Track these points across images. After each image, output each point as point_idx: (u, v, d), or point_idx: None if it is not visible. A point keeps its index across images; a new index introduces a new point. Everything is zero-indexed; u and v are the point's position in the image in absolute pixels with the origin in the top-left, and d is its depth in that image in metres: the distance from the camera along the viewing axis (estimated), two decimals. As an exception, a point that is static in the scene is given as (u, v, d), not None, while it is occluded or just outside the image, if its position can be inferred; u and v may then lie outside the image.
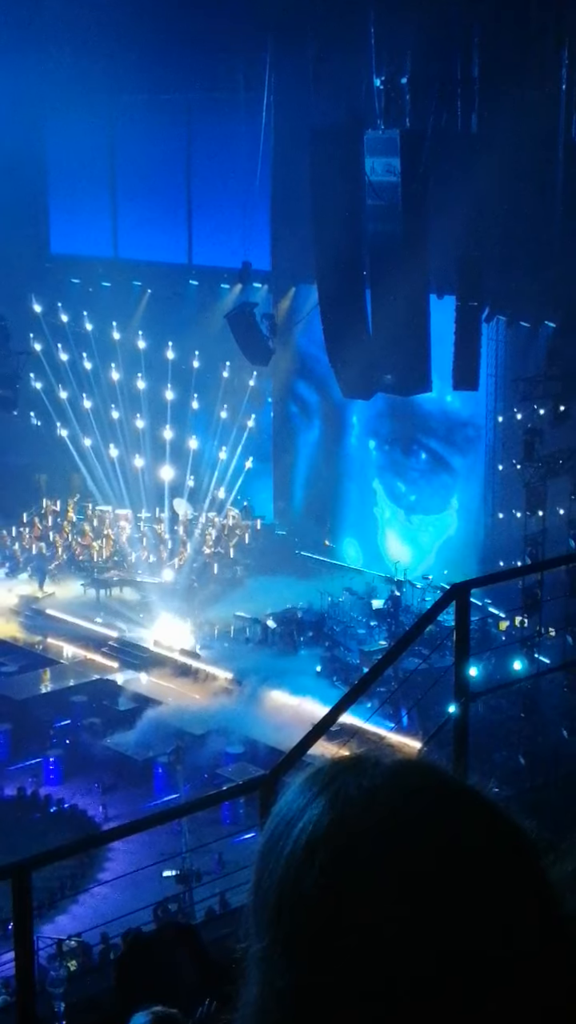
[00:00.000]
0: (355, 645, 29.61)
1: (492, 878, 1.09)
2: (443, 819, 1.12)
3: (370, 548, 34.88)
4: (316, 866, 1.10)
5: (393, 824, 1.10)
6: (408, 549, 34.02)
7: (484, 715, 22.00)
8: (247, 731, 25.84)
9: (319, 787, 1.17)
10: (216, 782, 23.30)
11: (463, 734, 6.14)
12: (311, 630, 30.77)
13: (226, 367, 35.74)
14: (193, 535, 35.52)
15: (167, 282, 36.55)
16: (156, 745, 25.97)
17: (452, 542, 32.69)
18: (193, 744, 25.61)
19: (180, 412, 36.26)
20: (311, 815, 1.14)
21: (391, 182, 26.19)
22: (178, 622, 31.58)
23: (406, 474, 33.78)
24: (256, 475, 36.95)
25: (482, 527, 31.35)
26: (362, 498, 35.02)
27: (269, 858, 1.16)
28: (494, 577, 21.26)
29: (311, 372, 32.92)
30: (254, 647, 30.59)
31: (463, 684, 6.23)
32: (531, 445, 26.20)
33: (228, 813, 22.30)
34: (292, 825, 1.15)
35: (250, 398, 36.12)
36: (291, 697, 26.84)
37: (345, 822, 1.12)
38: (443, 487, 32.96)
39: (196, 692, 28.31)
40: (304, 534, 36.37)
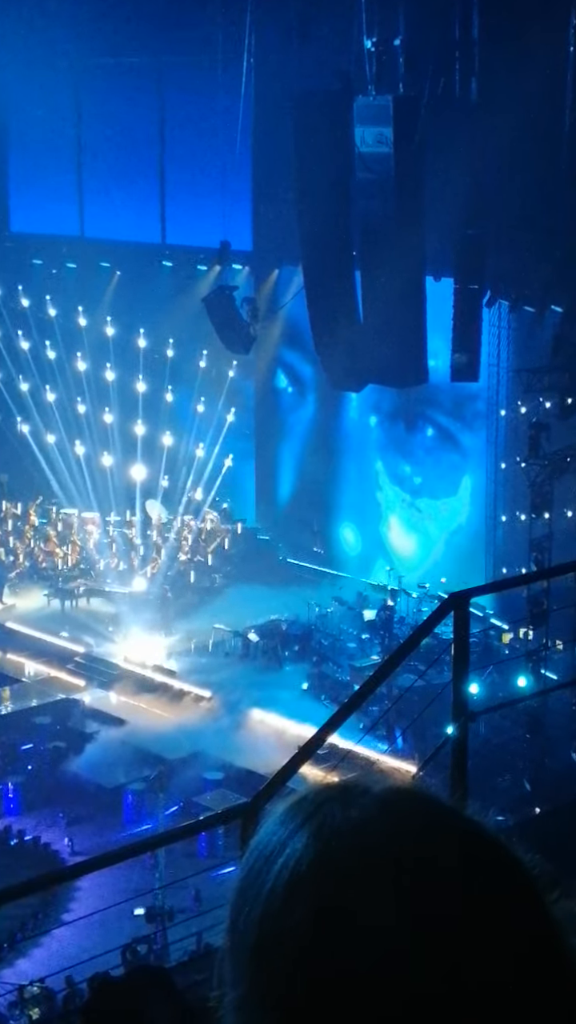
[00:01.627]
0: (345, 660, 29.62)
1: (494, 918, 1.08)
2: (439, 853, 1.11)
3: (370, 537, 34.87)
4: (298, 905, 1.09)
5: (384, 859, 1.09)
6: (413, 539, 33.99)
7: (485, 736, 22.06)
8: (226, 755, 25.81)
9: (302, 817, 1.16)
10: (192, 811, 23.26)
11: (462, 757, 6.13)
12: (297, 644, 30.77)
13: (203, 356, 35.71)
14: (167, 540, 35.48)
15: (138, 263, 36.52)
16: (127, 771, 25.91)
17: (463, 531, 32.59)
18: (168, 769, 25.56)
19: (153, 405, 36.23)
20: (293, 848, 1.13)
21: (383, 153, 26.22)
22: (151, 636, 31.54)
23: (411, 453, 33.71)
24: (237, 474, 36.94)
25: (484, 530, 31.40)
26: (362, 481, 34.99)
27: (247, 896, 1.14)
28: (496, 585, 21.31)
29: (304, 341, 32.65)
30: (234, 662, 30.56)
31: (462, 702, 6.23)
32: (536, 441, 26.26)
33: (205, 845, 22.27)
34: (272, 860, 1.14)
35: (230, 390, 36.11)
36: (275, 717, 26.83)
37: (331, 856, 1.10)
38: (452, 468, 32.87)
39: (171, 712, 28.27)
40: (289, 539, 36.38)
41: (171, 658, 30.76)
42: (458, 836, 1.13)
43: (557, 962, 1.09)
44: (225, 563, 35.73)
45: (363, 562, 34.97)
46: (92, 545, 35.68)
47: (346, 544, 35.61)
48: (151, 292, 36.20)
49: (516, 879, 1.12)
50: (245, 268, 35.18)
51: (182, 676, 29.76)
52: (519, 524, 28.67)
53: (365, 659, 29.01)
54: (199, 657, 30.93)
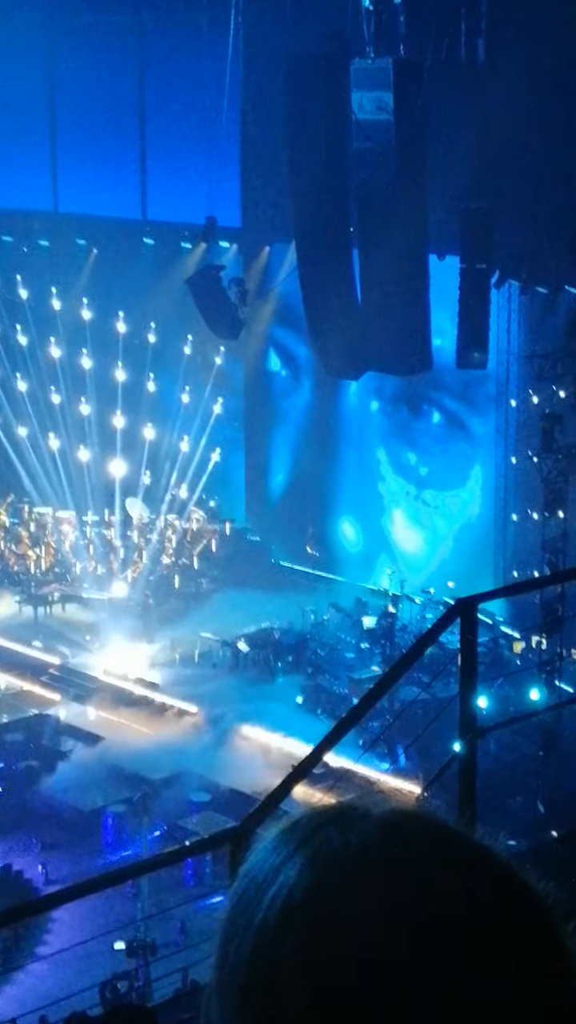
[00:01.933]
0: (343, 672, 29.63)
1: (505, 955, 1.08)
2: (445, 882, 1.11)
3: (372, 532, 34.90)
4: (292, 938, 1.09)
5: (385, 887, 1.09)
6: (419, 535, 34.01)
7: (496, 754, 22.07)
8: (214, 775, 25.81)
9: (297, 842, 1.15)
10: (177, 836, 23.25)
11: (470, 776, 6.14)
12: (291, 654, 30.78)
13: (188, 342, 35.69)
14: (150, 542, 35.47)
15: (117, 241, 36.50)
16: (106, 792, 25.90)
17: (473, 527, 32.62)
18: (151, 790, 25.56)
19: (133, 395, 36.22)
20: (287, 876, 1.12)
21: (382, 121, 26.22)
22: (132, 646, 31.53)
23: (416, 441, 33.71)
24: (225, 470, 36.94)
25: (493, 530, 31.43)
26: (362, 472, 35.02)
27: (236, 928, 1.14)
28: (507, 590, 21.34)
29: (298, 319, 32.57)
30: (223, 674, 30.57)
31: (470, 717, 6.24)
32: (550, 433, 26.29)
33: (192, 873, 22.28)
34: (264, 888, 1.13)
35: (217, 378, 36.10)
36: (266, 733, 26.85)
37: (328, 884, 1.10)
38: (461, 456, 32.88)
39: (153, 729, 28.27)
40: (282, 539, 36.39)
41: (154, 670, 30.76)
42: (466, 863, 1.13)
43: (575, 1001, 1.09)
44: (212, 566, 35.72)
45: (364, 560, 34.98)
46: (68, 547, 35.66)
47: (345, 540, 35.65)
48: (131, 272, 36.17)
49: (529, 910, 1.12)
50: (233, 246, 35.14)
51: (165, 689, 29.76)
52: (531, 523, 28.68)
53: (364, 670, 29.02)
54: (184, 668, 30.93)
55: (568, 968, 1.10)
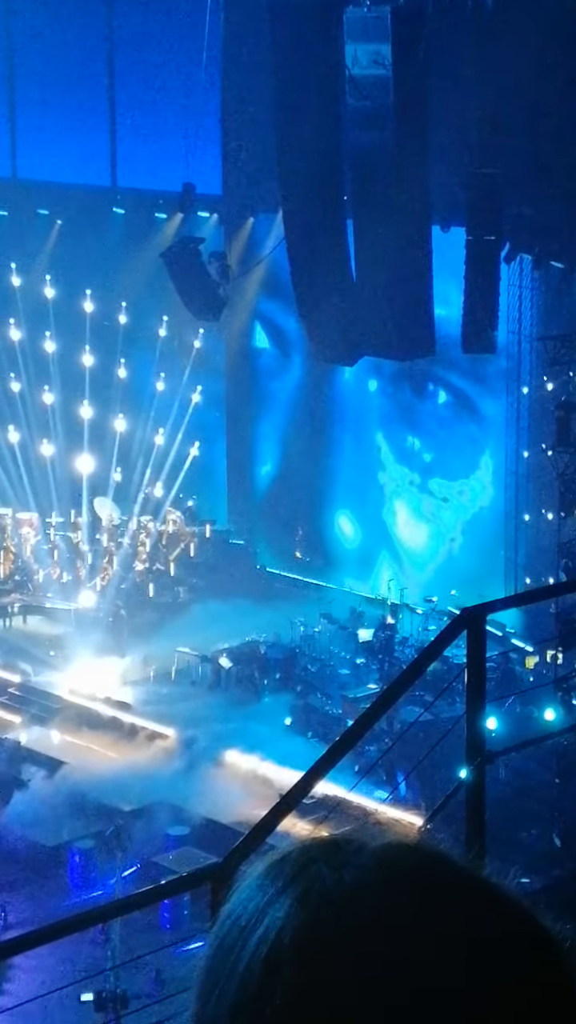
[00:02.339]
0: (336, 690, 29.65)
1: (517, 1005, 1.08)
2: (450, 925, 1.10)
3: (371, 525, 34.98)
4: (280, 986, 1.08)
5: (383, 930, 1.09)
6: (424, 529, 34.07)
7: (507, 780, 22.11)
8: (193, 805, 25.81)
9: (285, 880, 1.15)
10: (152, 873, 23.25)
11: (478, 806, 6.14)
12: (278, 670, 30.79)
13: (163, 323, 35.67)
14: (121, 546, 35.44)
15: (83, 211, 36.46)
16: (72, 825, 25.88)
17: (484, 520, 32.67)
18: (123, 823, 25.53)
19: (102, 382, 36.19)
20: (273, 918, 1.12)
21: (380, 77, 26.25)
22: (101, 662, 31.50)
23: (420, 424, 33.75)
24: (205, 466, 36.95)
25: (503, 532, 31.48)
26: (360, 459, 35.08)
27: (217, 976, 1.14)
28: (519, 599, 21.35)
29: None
30: (202, 693, 30.58)
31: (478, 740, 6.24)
32: (565, 423, 26.33)
33: (169, 915, 22.26)
34: (248, 931, 1.13)
35: (196, 363, 36.08)
36: (252, 759, 26.85)
37: (319, 927, 1.10)
38: (470, 441, 32.91)
39: (125, 754, 28.25)
40: (269, 542, 36.42)
41: (125, 688, 30.74)
42: (473, 904, 1.13)
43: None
44: (190, 573, 35.70)
45: (363, 559, 35.07)
46: (29, 552, 35.60)
47: (342, 537, 35.70)
48: (99, 245, 36.15)
49: (544, 956, 1.12)
50: (213, 216, 35.15)
51: (138, 710, 29.74)
52: (545, 524, 28.73)
53: (360, 688, 29.05)
54: (159, 687, 30.92)
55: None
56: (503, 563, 31.03)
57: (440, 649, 6.53)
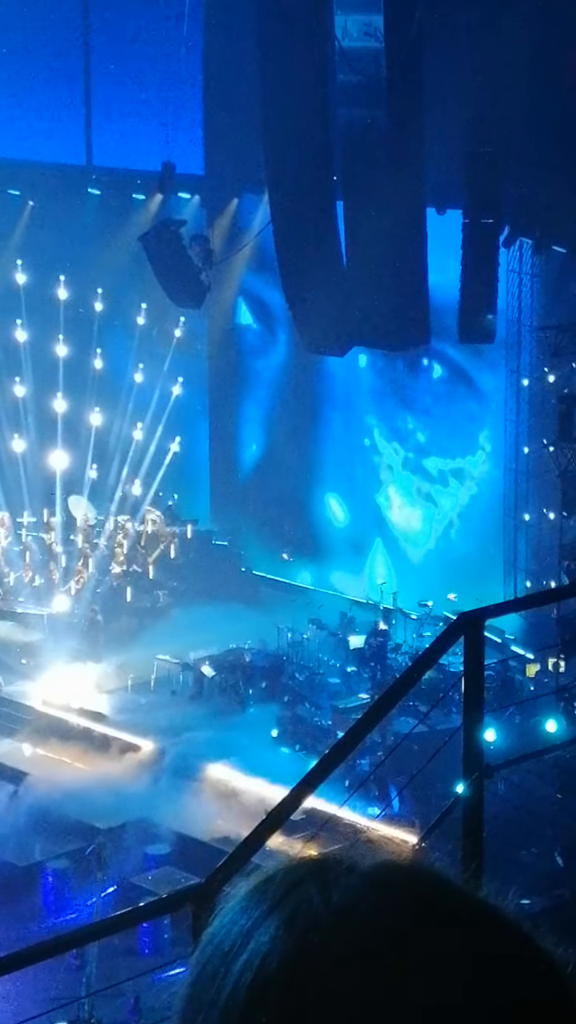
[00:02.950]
0: (325, 700, 29.65)
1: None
2: (445, 950, 1.10)
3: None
4: (265, 1016, 1.09)
5: (374, 955, 1.09)
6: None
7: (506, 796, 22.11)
8: (173, 822, 25.80)
9: (270, 902, 1.15)
10: (131, 895, 23.23)
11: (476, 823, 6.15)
12: (264, 679, 30.78)
13: (141, 311, 35.63)
14: (97, 547, 35.40)
15: (57, 191, 36.41)
16: (45, 844, 25.85)
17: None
18: (103, 841, 25.52)
19: (77, 374, 36.14)
20: (258, 942, 1.12)
21: (371, 49, 26.26)
22: (76, 670, 31.47)
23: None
24: (186, 461, 36.92)
25: (502, 533, 31.51)
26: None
27: (199, 1004, 1.14)
28: (519, 603, 21.38)
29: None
30: (183, 704, 30.55)
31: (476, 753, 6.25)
32: (568, 417, 26.34)
33: (148, 939, 22.25)
34: (232, 957, 1.13)
35: (176, 353, 36.05)
36: (236, 773, 26.84)
37: (306, 952, 1.10)
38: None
39: (101, 768, 28.23)
40: (254, 543, 36.41)
41: (101, 698, 30.71)
42: (469, 927, 1.13)
43: None
44: (171, 576, 35.68)
45: (354, 543, 35.05)
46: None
47: (332, 521, 35.73)
48: (74, 228, 36.10)
49: (545, 982, 1.12)
50: (195, 197, 35.12)
51: (115, 721, 29.71)
52: (547, 524, 28.75)
53: (351, 698, 29.05)
54: (137, 697, 30.89)
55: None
56: (502, 565, 31.06)
57: (436, 656, 6.54)
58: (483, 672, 6.42)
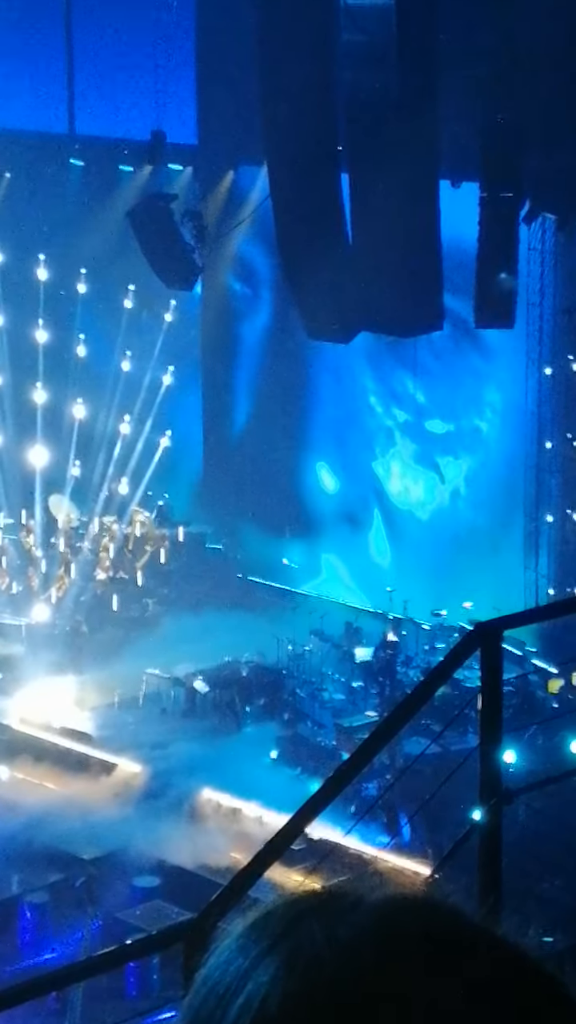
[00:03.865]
0: (329, 718, 29.66)
1: None
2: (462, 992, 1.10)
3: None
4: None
5: (383, 999, 1.09)
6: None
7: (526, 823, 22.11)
8: (163, 852, 25.82)
9: (270, 939, 1.15)
10: (116, 931, 23.26)
11: (494, 853, 6.15)
12: (262, 696, 30.80)
13: (129, 293, 35.63)
14: (80, 552, 35.41)
15: (36, 162, 36.44)
16: (24, 876, 25.86)
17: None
18: (95, 872, 25.56)
19: (58, 362, 36.17)
20: (257, 984, 1.12)
21: (380, 6, 26.28)
22: (58, 685, 31.48)
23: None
24: (177, 457, 36.94)
25: (523, 535, 31.52)
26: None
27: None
28: (540, 613, 21.38)
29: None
30: (174, 722, 30.57)
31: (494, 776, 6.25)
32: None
33: (135, 980, 22.26)
34: (227, 1000, 1.13)
35: (167, 339, 36.06)
36: (232, 798, 26.87)
37: (309, 995, 1.10)
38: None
39: (85, 792, 28.25)
40: (252, 546, 36.42)
41: (85, 717, 30.72)
42: (487, 967, 1.13)
43: None
44: (161, 583, 35.70)
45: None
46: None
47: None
48: (54, 203, 36.14)
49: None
50: (187, 169, 35.14)
51: (100, 742, 29.74)
52: (571, 526, 28.78)
53: (357, 716, 29.07)
54: (125, 715, 30.91)
55: None
56: (522, 571, 31.06)
57: (450, 670, 6.54)
58: (501, 688, 6.42)
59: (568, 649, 26.02)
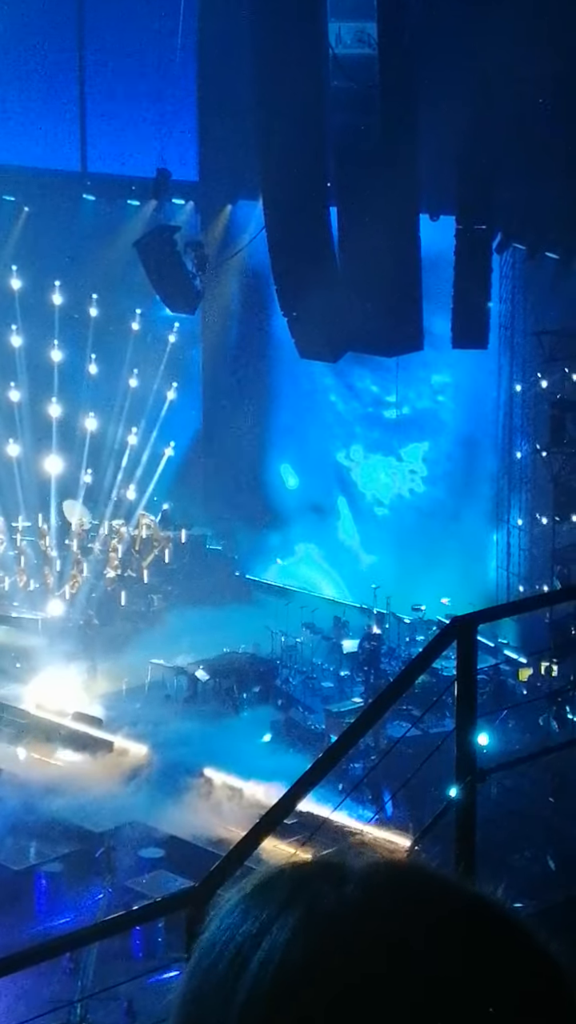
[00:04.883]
0: (319, 704, 29.64)
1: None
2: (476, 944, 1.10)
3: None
4: (294, 1014, 1.07)
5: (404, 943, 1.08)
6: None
7: (498, 800, 22.10)
8: (167, 826, 25.76)
9: (280, 901, 1.13)
10: (124, 898, 23.21)
11: (468, 826, 6.15)
12: (258, 683, 30.77)
13: (136, 316, 35.60)
14: (91, 552, 35.37)
15: (52, 197, 36.35)
16: (40, 847, 25.81)
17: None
18: (92, 846, 25.50)
19: (72, 379, 36.12)
20: (274, 942, 1.10)
21: (365, 56, 26.25)
22: (70, 674, 31.43)
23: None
24: (180, 466, 36.90)
25: (496, 537, 31.51)
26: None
27: (208, 1007, 1.11)
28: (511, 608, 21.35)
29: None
30: (177, 708, 30.52)
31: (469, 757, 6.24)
32: (560, 422, 26.38)
33: (141, 942, 22.21)
34: (244, 957, 1.11)
35: (171, 358, 36.03)
36: (230, 777, 26.82)
37: (332, 946, 1.09)
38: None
39: (95, 772, 28.20)
40: (249, 547, 36.39)
41: (96, 703, 30.67)
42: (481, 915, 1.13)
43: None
44: (165, 580, 35.65)
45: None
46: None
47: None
48: (68, 234, 36.06)
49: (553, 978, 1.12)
50: (189, 203, 35.12)
51: (109, 726, 29.68)
52: (539, 529, 28.76)
53: (345, 702, 29.04)
54: (132, 701, 30.86)
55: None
56: (495, 570, 31.06)
57: (429, 661, 6.54)
58: (476, 676, 6.42)
59: (537, 641, 26.03)
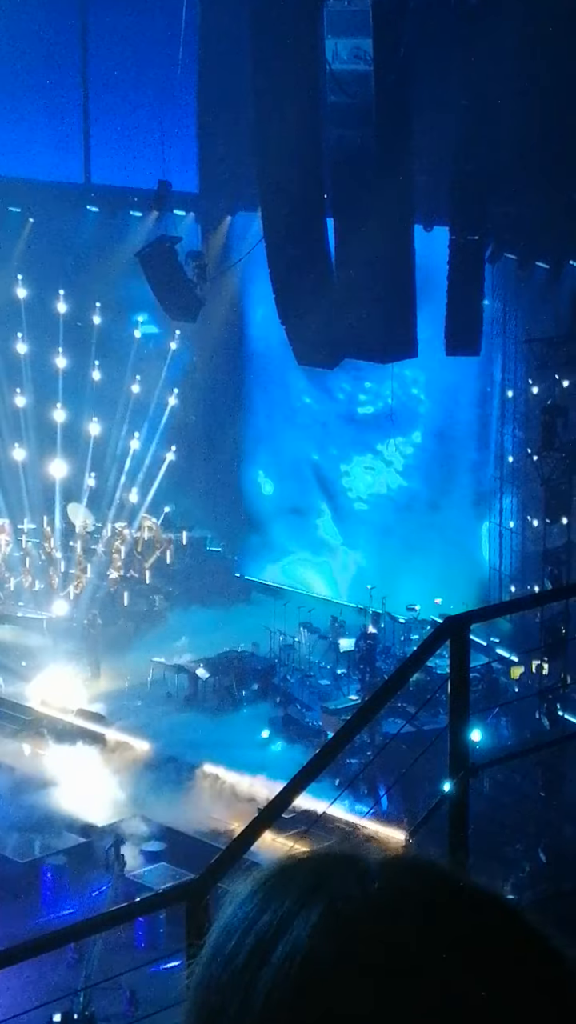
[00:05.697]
0: (316, 701, 29.65)
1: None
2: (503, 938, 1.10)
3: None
4: (321, 1005, 1.05)
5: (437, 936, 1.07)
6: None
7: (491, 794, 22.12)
8: (169, 820, 25.78)
9: (299, 893, 1.11)
10: (127, 890, 23.22)
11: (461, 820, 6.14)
12: (257, 681, 30.77)
13: (138, 324, 35.61)
14: (95, 553, 35.37)
15: (56, 208, 36.40)
16: (45, 841, 25.82)
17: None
18: (95, 839, 25.51)
19: (76, 385, 36.13)
20: (298, 934, 1.08)
21: (361, 72, 26.25)
22: (74, 672, 31.44)
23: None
24: (181, 470, 36.90)
25: (488, 539, 31.52)
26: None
27: (227, 997, 1.09)
28: (504, 608, 21.38)
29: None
30: (178, 705, 30.53)
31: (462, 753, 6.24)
32: (551, 427, 26.36)
33: (143, 933, 22.23)
34: (265, 949, 1.08)
35: (172, 365, 36.04)
36: (229, 772, 26.83)
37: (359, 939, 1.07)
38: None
39: (99, 767, 28.21)
40: (247, 549, 36.40)
41: (99, 700, 30.68)
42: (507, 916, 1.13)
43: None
44: (167, 581, 35.66)
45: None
46: (1, 559, 35.53)
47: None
48: (72, 244, 36.11)
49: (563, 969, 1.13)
50: (189, 215, 35.12)
51: (113, 722, 29.69)
52: (531, 531, 28.76)
53: (341, 700, 29.06)
54: (134, 698, 30.87)
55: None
56: (487, 571, 31.06)
57: (423, 659, 6.53)
58: (469, 674, 6.41)
59: (529, 641, 26.03)
